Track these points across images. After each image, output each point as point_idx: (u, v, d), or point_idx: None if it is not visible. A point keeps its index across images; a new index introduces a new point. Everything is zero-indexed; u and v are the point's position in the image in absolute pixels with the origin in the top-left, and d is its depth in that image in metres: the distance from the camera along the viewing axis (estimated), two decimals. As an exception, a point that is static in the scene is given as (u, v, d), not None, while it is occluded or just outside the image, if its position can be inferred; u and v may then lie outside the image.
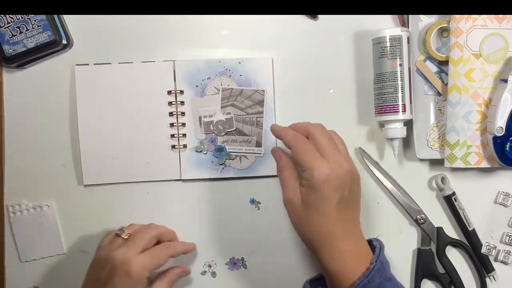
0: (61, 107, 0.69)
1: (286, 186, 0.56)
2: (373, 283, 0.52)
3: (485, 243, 0.66)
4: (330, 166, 0.53)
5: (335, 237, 0.54)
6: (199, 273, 0.69)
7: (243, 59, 0.68)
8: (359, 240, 0.56)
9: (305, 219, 0.54)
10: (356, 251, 0.55)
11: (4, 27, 0.65)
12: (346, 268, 0.53)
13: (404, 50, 0.63)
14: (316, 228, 0.54)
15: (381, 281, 0.53)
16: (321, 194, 0.53)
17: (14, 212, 0.68)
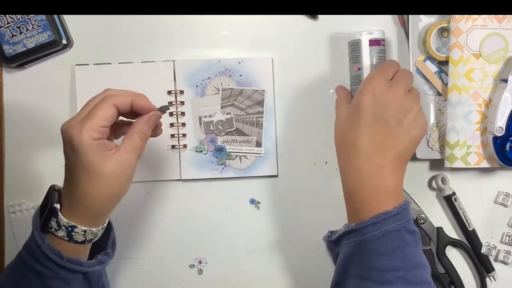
0: (61, 107, 0.69)
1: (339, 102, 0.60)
2: (387, 227, 0.51)
3: (485, 243, 0.66)
4: (383, 84, 0.55)
5: (360, 154, 0.53)
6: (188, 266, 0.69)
7: (243, 59, 0.68)
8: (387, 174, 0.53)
9: (345, 126, 0.56)
10: (375, 179, 0.53)
11: (4, 27, 0.65)
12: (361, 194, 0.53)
13: (363, 53, 0.63)
14: (344, 138, 0.56)
15: (398, 228, 0.51)
16: (360, 101, 0.54)
17: (14, 212, 0.68)
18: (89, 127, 0.49)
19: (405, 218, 0.52)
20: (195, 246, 0.69)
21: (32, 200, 0.69)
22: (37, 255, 0.50)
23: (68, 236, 0.51)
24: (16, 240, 0.69)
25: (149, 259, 0.69)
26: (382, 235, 0.51)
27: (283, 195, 0.69)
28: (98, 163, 0.50)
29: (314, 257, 0.68)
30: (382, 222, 0.51)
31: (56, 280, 0.51)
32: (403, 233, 0.52)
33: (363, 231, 0.52)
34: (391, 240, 0.51)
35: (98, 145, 0.50)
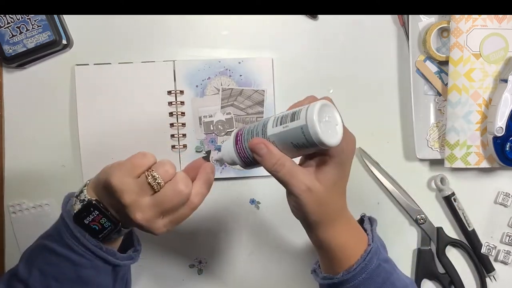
0: (61, 107, 0.69)
1: (297, 176, 0.48)
2: (371, 266, 0.51)
3: (485, 243, 0.66)
4: (351, 137, 0.51)
5: (343, 211, 0.53)
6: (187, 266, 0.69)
7: (243, 59, 0.68)
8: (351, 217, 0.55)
9: (325, 201, 0.49)
10: (351, 228, 0.54)
11: (4, 27, 0.65)
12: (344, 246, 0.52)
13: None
14: (334, 207, 0.51)
15: (379, 263, 0.52)
16: (347, 169, 0.51)
17: (15, 212, 0.68)
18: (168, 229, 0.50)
19: (378, 250, 0.53)
20: (195, 246, 0.69)
21: (32, 200, 0.69)
22: (73, 246, 0.52)
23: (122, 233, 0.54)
24: (17, 239, 0.69)
25: (149, 259, 0.69)
26: (369, 276, 0.51)
27: (283, 195, 0.68)
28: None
29: (314, 257, 0.68)
30: (368, 264, 0.51)
31: (90, 269, 0.52)
32: (383, 265, 0.53)
33: (350, 280, 0.52)
34: (377, 276, 0.52)
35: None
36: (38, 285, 0.52)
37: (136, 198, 0.48)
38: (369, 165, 0.67)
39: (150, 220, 0.49)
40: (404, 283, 0.54)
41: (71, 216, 0.53)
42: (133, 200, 0.48)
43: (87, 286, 0.53)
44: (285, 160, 0.48)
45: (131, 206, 0.48)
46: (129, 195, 0.48)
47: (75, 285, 0.53)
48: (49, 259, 0.53)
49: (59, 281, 0.52)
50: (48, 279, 0.52)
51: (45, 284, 0.52)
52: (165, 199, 0.48)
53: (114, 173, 0.48)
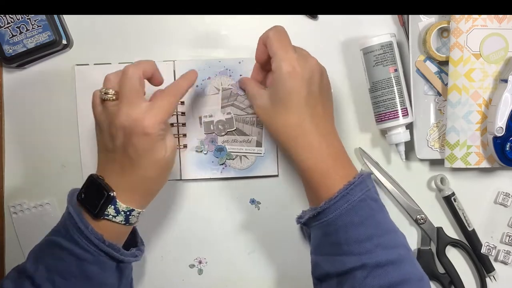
0: (61, 107, 0.69)
1: (254, 94, 0.58)
2: (354, 197, 0.52)
3: (485, 243, 0.66)
4: (298, 57, 0.53)
5: (305, 131, 0.53)
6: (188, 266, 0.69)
7: (243, 59, 0.68)
8: (334, 140, 0.56)
9: (274, 116, 0.55)
10: (330, 150, 0.54)
11: (4, 27, 0.65)
12: (320, 166, 0.53)
13: (396, 54, 0.63)
14: (285, 122, 0.54)
15: (364, 198, 0.52)
16: (289, 86, 0.53)
17: (16, 212, 0.68)
18: (160, 119, 0.53)
19: (368, 186, 0.53)
20: (195, 246, 0.69)
21: (32, 200, 0.69)
22: (78, 240, 0.52)
23: (126, 220, 0.54)
24: (19, 239, 0.69)
25: (149, 259, 0.69)
26: (352, 207, 0.51)
27: (283, 195, 0.69)
28: (164, 150, 0.54)
29: (314, 257, 0.68)
30: (350, 194, 0.52)
31: (94, 265, 0.53)
32: (369, 201, 0.53)
33: (333, 208, 0.52)
34: (361, 209, 0.52)
35: (163, 135, 0.54)
36: (43, 280, 0.52)
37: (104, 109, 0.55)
38: (369, 165, 0.67)
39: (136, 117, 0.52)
40: (392, 227, 0.54)
41: (76, 210, 0.54)
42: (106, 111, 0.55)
43: (91, 282, 0.53)
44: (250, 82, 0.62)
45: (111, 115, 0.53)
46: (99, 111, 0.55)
47: (79, 281, 0.53)
48: (55, 254, 0.53)
49: (63, 276, 0.52)
50: (53, 274, 0.52)
51: (50, 279, 0.52)
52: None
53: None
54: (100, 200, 0.53)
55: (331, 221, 0.52)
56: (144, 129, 0.52)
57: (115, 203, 0.53)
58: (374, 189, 0.56)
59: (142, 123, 0.52)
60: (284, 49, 0.54)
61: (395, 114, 0.63)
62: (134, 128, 0.52)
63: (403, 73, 0.65)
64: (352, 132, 0.68)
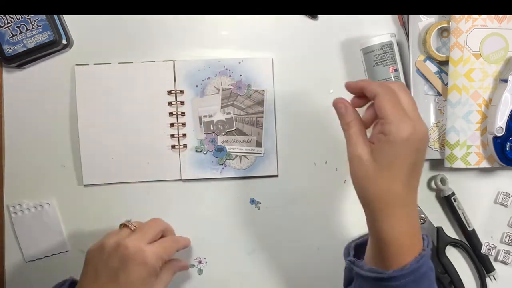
0: (61, 107, 0.69)
1: (355, 141, 0.50)
2: (421, 270, 0.50)
3: (485, 243, 0.66)
4: (414, 125, 0.48)
5: (398, 202, 0.50)
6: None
7: (243, 59, 0.68)
8: (416, 213, 0.52)
9: (372, 176, 0.49)
10: (413, 224, 0.51)
11: (4, 27, 0.65)
12: (399, 240, 0.50)
13: (396, 54, 0.64)
14: (382, 187, 0.49)
15: (427, 270, 0.51)
16: (399, 152, 0.48)
17: (15, 212, 0.68)
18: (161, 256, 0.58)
19: (429, 257, 0.52)
20: (195, 246, 0.69)
21: (32, 200, 0.69)
22: None
23: None
24: (19, 239, 0.69)
25: (149, 259, 0.69)
26: (417, 279, 0.50)
27: (283, 195, 0.69)
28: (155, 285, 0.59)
29: (314, 257, 0.68)
30: (420, 267, 0.50)
31: None
32: (430, 273, 0.51)
33: (400, 277, 0.50)
34: (423, 281, 0.51)
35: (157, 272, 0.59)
36: None
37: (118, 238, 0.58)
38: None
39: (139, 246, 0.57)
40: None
41: None
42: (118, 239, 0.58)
43: None
44: (355, 124, 0.51)
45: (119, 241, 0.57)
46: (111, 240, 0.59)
47: None
48: None
49: None
50: None
51: None
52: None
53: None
54: None
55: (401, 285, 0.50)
56: (143, 259, 0.56)
57: None
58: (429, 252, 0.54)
59: (143, 253, 0.56)
60: (399, 114, 0.48)
61: None
62: (134, 254, 0.56)
63: (403, 73, 0.65)
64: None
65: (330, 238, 0.68)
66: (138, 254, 0.55)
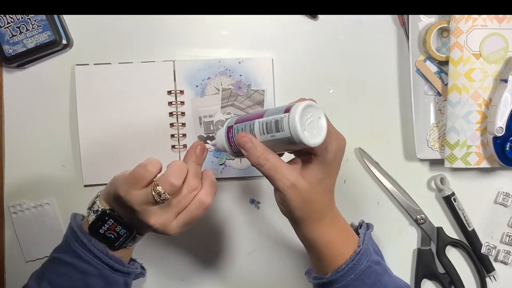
0: (61, 107, 0.69)
1: (282, 171, 0.48)
2: (360, 267, 0.52)
3: (485, 243, 0.66)
4: (340, 138, 0.51)
5: (325, 212, 0.52)
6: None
7: (243, 59, 0.68)
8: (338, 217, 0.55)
9: (310, 198, 0.50)
10: (341, 224, 0.54)
11: (4, 27, 0.65)
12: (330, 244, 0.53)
13: None
14: (319, 204, 0.51)
15: (369, 265, 0.52)
16: (332, 168, 0.51)
17: (15, 212, 0.68)
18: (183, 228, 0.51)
19: (368, 252, 0.53)
20: (195, 246, 0.69)
21: (32, 200, 0.69)
22: (81, 253, 0.52)
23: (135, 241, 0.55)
24: (19, 239, 0.69)
25: (149, 259, 0.69)
26: (358, 276, 0.52)
27: (283, 195, 0.69)
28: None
29: (314, 257, 0.68)
30: (356, 264, 0.52)
31: (98, 278, 0.53)
32: (374, 267, 0.53)
33: (340, 279, 0.52)
34: (367, 277, 0.52)
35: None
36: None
37: (146, 207, 0.49)
38: (369, 165, 0.67)
39: (164, 223, 0.50)
40: (397, 285, 0.54)
41: (79, 226, 0.54)
42: (144, 208, 0.49)
43: None
44: (268, 155, 0.48)
45: (143, 213, 0.50)
46: (138, 205, 0.49)
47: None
48: (58, 270, 0.53)
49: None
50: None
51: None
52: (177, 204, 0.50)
53: (121, 186, 0.50)
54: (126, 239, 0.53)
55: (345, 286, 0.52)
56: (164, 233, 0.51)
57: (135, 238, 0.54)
58: (374, 246, 0.56)
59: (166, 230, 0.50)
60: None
61: None
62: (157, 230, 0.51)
63: (403, 73, 0.65)
64: (352, 132, 0.68)
65: (330, 238, 0.68)
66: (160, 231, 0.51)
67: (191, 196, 0.51)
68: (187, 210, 0.51)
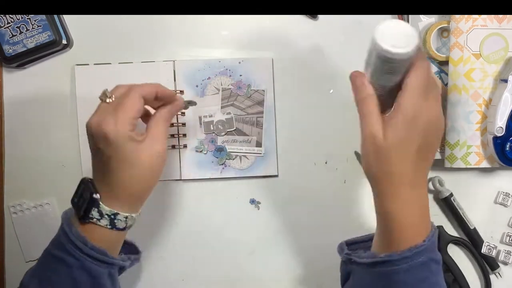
0: (61, 107, 0.69)
1: (370, 119, 0.49)
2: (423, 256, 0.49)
3: (486, 243, 0.66)
4: (428, 105, 0.48)
5: (406, 182, 0.49)
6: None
7: (243, 59, 0.68)
8: (425, 194, 0.51)
9: (383, 155, 0.48)
10: (421, 205, 0.51)
11: (4, 27, 0.65)
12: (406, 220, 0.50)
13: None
14: (393, 168, 0.49)
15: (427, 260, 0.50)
16: (409, 132, 0.48)
17: (15, 212, 0.68)
18: (123, 120, 0.51)
19: (433, 248, 0.51)
20: (195, 246, 0.69)
21: (32, 200, 0.69)
22: (64, 244, 0.51)
23: (111, 224, 0.52)
24: (19, 239, 0.69)
25: (149, 259, 0.69)
26: (410, 267, 0.49)
27: (283, 195, 0.69)
28: (135, 154, 0.51)
29: (314, 257, 0.68)
30: (413, 256, 0.49)
31: (81, 270, 0.51)
32: (431, 264, 0.51)
33: (392, 263, 0.50)
34: (419, 271, 0.50)
35: (132, 137, 0.51)
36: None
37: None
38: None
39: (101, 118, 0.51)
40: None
41: (66, 214, 0.53)
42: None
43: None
44: (370, 100, 0.50)
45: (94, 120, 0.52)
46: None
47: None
48: (47, 264, 0.53)
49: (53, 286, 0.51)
50: (44, 285, 0.52)
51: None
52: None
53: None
54: (84, 202, 0.51)
55: (394, 272, 0.50)
56: (105, 132, 0.51)
57: (98, 206, 0.51)
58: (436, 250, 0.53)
59: (101, 126, 0.51)
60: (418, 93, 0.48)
61: None
62: (96, 132, 0.51)
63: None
64: (352, 132, 0.68)
65: (330, 238, 0.68)
66: (98, 131, 0.51)
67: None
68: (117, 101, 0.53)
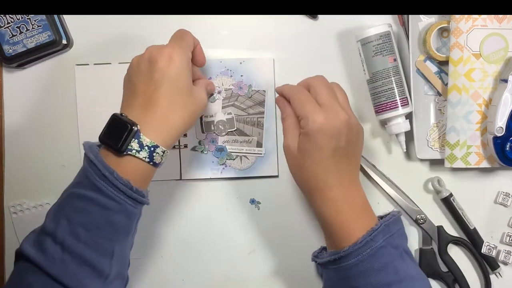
0: (61, 107, 0.69)
1: (287, 133, 0.57)
2: (376, 244, 0.52)
3: (486, 243, 0.66)
4: (325, 115, 0.53)
5: (327, 185, 0.54)
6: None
7: (244, 60, 0.68)
8: (357, 193, 0.56)
9: (300, 165, 0.55)
10: (352, 203, 0.55)
11: (4, 27, 0.65)
12: (341, 219, 0.54)
13: (394, 45, 0.63)
14: (309, 174, 0.55)
15: (385, 244, 0.53)
16: (315, 142, 0.53)
17: (15, 212, 0.68)
18: (186, 49, 0.56)
19: (390, 232, 0.54)
20: (195, 246, 0.69)
21: (32, 200, 0.69)
22: (103, 188, 0.50)
23: (150, 157, 0.52)
24: (19, 239, 0.68)
25: (149, 259, 0.69)
26: (374, 253, 0.52)
27: (283, 195, 0.69)
28: (190, 84, 0.56)
29: (314, 257, 0.68)
30: (373, 240, 0.52)
31: (120, 214, 0.51)
32: (389, 248, 0.53)
33: (355, 253, 0.52)
34: (382, 256, 0.52)
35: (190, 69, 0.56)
36: (65, 234, 0.49)
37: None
38: (366, 169, 0.67)
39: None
40: (409, 274, 0.54)
41: (99, 158, 0.51)
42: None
43: (118, 233, 0.51)
44: (290, 118, 0.57)
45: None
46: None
47: (105, 232, 0.50)
48: (77, 206, 0.50)
49: (88, 228, 0.49)
50: (76, 227, 0.49)
51: (73, 232, 0.49)
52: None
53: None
54: (123, 133, 0.50)
55: (351, 265, 0.52)
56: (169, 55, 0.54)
57: (139, 137, 0.51)
58: (400, 232, 0.56)
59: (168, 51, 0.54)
60: (309, 108, 0.54)
61: (394, 104, 0.63)
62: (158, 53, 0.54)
63: (404, 72, 0.65)
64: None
65: (330, 238, 0.68)
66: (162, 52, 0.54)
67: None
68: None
